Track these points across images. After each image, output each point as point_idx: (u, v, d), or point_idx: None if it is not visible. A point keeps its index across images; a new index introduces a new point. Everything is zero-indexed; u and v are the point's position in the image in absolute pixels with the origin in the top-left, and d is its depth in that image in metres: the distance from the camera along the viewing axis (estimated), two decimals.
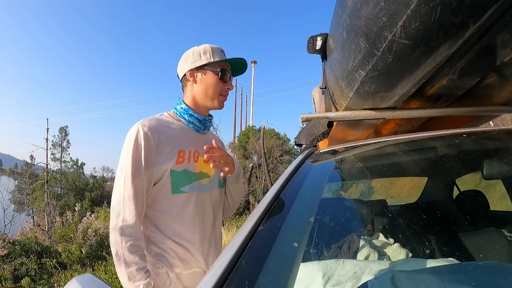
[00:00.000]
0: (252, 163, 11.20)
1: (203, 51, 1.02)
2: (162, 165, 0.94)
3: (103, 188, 14.86)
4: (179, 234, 0.97)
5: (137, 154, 0.91)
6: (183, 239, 0.97)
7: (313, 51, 1.22)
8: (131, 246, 0.87)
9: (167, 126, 1.00)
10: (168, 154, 0.95)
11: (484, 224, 1.22)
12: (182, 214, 0.97)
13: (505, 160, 0.97)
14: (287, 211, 0.57)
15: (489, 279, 0.51)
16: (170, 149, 0.96)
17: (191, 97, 1.05)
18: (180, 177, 0.97)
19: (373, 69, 0.74)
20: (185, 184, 0.98)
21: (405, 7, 0.55)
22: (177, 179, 0.96)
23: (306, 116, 1.19)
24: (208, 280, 0.41)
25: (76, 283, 0.66)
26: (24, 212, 13.74)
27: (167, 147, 0.96)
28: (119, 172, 0.92)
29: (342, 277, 0.76)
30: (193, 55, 1.03)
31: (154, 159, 0.93)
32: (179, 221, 0.97)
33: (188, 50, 1.06)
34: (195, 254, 0.98)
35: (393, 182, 2.63)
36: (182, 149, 0.98)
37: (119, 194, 0.90)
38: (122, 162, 0.92)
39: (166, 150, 0.95)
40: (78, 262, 5.38)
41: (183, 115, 1.04)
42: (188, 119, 1.04)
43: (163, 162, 0.94)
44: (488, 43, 0.70)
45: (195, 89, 1.04)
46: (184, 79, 1.06)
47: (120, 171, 0.92)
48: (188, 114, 1.04)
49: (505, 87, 0.95)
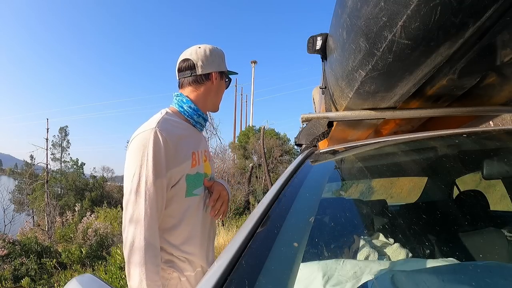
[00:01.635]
0: (252, 163, 11.20)
1: (222, 57, 1.05)
2: (179, 169, 0.90)
3: (103, 188, 14.87)
4: (189, 238, 0.94)
5: (157, 159, 0.85)
6: (192, 243, 0.95)
7: (313, 51, 1.22)
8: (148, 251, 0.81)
9: (180, 127, 0.96)
10: (184, 158, 0.92)
11: (484, 224, 1.22)
12: (194, 217, 0.95)
13: (505, 160, 0.97)
14: (287, 211, 0.57)
15: (489, 279, 0.51)
16: (185, 153, 0.93)
17: (202, 96, 1.02)
18: (193, 180, 0.95)
19: (373, 69, 0.74)
20: (197, 186, 0.96)
21: (405, 7, 0.55)
22: (191, 182, 0.94)
23: (306, 116, 1.19)
24: (208, 280, 0.41)
25: (76, 283, 0.66)
26: (24, 212, 13.76)
27: (183, 150, 0.92)
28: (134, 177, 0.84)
29: (342, 277, 0.76)
30: (218, 57, 1.03)
31: (172, 164, 0.88)
32: (190, 224, 0.94)
33: (210, 47, 1.02)
34: (200, 255, 0.98)
35: (393, 182, 2.63)
36: (194, 151, 0.96)
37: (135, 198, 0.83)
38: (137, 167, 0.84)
39: (182, 154, 0.91)
40: (78, 262, 5.38)
41: (192, 116, 1.00)
42: (197, 120, 1.01)
43: (180, 166, 0.91)
44: (488, 43, 0.70)
45: (211, 91, 1.03)
46: (203, 76, 1.01)
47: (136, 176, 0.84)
48: (197, 114, 1.01)
49: (505, 87, 0.95)
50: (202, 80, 1.01)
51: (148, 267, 0.80)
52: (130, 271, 0.81)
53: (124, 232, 0.83)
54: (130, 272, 0.81)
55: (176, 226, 0.92)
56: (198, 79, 1.01)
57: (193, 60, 1.00)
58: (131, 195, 0.84)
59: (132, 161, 0.86)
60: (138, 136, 0.87)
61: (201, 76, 1.01)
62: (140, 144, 0.85)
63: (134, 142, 0.87)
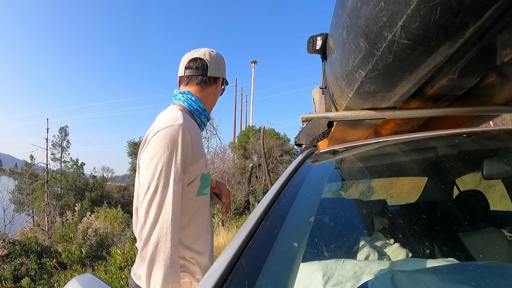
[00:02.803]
0: (252, 163, 11.21)
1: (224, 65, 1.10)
2: (196, 168, 0.90)
3: (103, 188, 14.88)
4: (198, 237, 0.95)
5: (186, 156, 0.84)
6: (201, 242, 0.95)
7: (313, 51, 1.22)
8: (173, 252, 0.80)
9: (195, 126, 0.95)
10: (200, 157, 0.92)
11: (484, 224, 1.22)
12: (202, 216, 0.96)
13: (505, 160, 0.97)
14: (287, 211, 0.57)
15: (489, 279, 0.51)
16: (201, 152, 0.93)
17: (205, 98, 1.04)
18: (205, 179, 0.96)
19: (373, 69, 0.74)
20: (207, 185, 0.97)
21: (405, 7, 0.55)
22: (204, 181, 0.95)
23: (306, 116, 1.19)
24: (208, 280, 0.41)
25: (76, 283, 0.66)
26: (24, 212, 13.76)
27: (200, 150, 0.92)
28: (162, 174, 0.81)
29: (342, 277, 0.76)
30: (224, 65, 1.09)
31: (192, 162, 0.88)
32: (199, 223, 0.95)
33: (219, 54, 1.08)
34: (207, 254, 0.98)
35: (393, 182, 2.63)
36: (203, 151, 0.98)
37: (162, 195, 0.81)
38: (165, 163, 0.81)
39: (199, 153, 0.91)
40: (78, 262, 5.39)
41: (200, 115, 1.01)
42: (203, 120, 1.02)
43: (197, 165, 0.91)
44: (488, 43, 0.70)
45: (213, 94, 1.07)
46: (212, 79, 1.03)
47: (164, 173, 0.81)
48: (204, 114, 1.02)
49: (505, 87, 0.95)
50: (210, 82, 1.03)
51: (173, 270, 0.80)
52: (152, 271, 0.79)
53: (144, 231, 0.80)
54: (153, 273, 0.79)
55: (187, 225, 0.92)
56: (207, 80, 1.02)
57: (207, 61, 1.02)
58: (157, 193, 0.81)
59: (157, 157, 0.82)
60: (166, 130, 0.83)
61: (210, 78, 1.03)
62: (169, 140, 0.82)
63: (160, 137, 0.83)
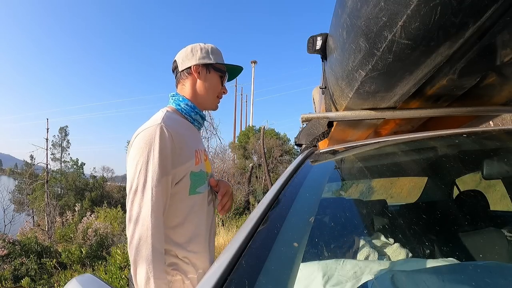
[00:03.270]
0: (252, 163, 11.21)
1: (211, 50, 1.04)
2: (183, 167, 0.90)
3: (103, 188, 14.88)
4: (194, 236, 0.94)
5: (164, 155, 0.84)
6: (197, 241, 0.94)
7: (313, 51, 1.22)
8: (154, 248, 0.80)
9: (182, 125, 0.96)
10: (188, 155, 0.92)
11: (484, 224, 1.22)
12: (198, 215, 0.95)
13: (505, 160, 0.97)
14: (287, 211, 0.57)
15: (489, 279, 0.51)
16: (189, 150, 0.93)
17: (192, 93, 1.03)
18: (197, 178, 0.95)
19: (373, 69, 0.74)
20: (201, 184, 0.96)
21: (405, 7, 0.55)
22: (195, 180, 0.94)
23: (306, 116, 1.19)
24: (208, 280, 0.41)
25: (76, 283, 0.66)
26: (24, 212, 13.75)
27: (187, 148, 0.92)
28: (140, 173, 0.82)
29: (342, 277, 0.76)
30: (201, 51, 1.02)
31: (177, 161, 0.88)
32: (194, 222, 0.94)
33: (195, 44, 1.04)
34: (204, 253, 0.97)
35: (393, 182, 2.63)
36: (196, 149, 0.96)
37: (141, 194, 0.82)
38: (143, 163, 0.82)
39: (186, 151, 0.91)
40: (78, 262, 5.38)
41: (190, 113, 1.01)
42: (194, 117, 1.02)
43: (185, 164, 0.90)
44: (488, 43, 0.70)
45: (197, 85, 1.03)
46: (185, 71, 1.03)
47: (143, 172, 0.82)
48: (194, 112, 1.02)
49: (505, 87, 0.95)
50: (184, 75, 1.03)
51: (155, 265, 0.80)
52: (136, 269, 0.80)
53: (128, 230, 0.82)
54: (137, 270, 0.80)
55: (180, 224, 0.92)
56: (180, 76, 1.04)
57: (176, 59, 1.05)
58: (137, 193, 0.82)
59: (137, 157, 0.83)
60: (143, 132, 0.85)
61: (182, 72, 1.03)
62: (146, 140, 0.84)
63: (139, 139, 0.85)
